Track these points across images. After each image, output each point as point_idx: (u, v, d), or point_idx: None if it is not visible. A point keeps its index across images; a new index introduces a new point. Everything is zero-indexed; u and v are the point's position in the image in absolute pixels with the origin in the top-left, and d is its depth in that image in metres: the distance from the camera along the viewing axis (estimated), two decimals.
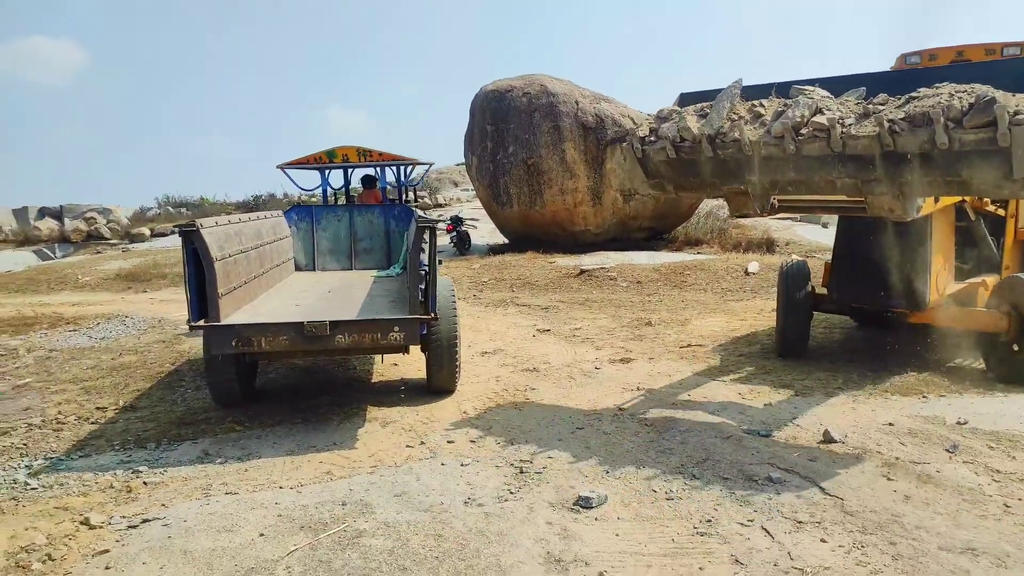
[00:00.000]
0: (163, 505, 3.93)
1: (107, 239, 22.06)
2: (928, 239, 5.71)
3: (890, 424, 4.88)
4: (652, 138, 4.97)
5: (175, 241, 19.90)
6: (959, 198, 5.70)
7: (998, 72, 4.28)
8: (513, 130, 15.08)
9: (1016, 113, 3.67)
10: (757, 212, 4.93)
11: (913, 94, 4.10)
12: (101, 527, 3.67)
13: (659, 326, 8.33)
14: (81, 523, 3.71)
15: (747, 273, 11.32)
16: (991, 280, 6.16)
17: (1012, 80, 3.99)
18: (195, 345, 7.71)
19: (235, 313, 5.14)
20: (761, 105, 4.61)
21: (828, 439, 4.59)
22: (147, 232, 22.26)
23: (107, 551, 3.42)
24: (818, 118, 4.27)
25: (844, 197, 4.74)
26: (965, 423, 4.86)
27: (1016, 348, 5.68)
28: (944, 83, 4.08)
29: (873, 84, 4.56)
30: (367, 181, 11.05)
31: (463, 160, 17.69)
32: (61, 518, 3.80)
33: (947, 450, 4.43)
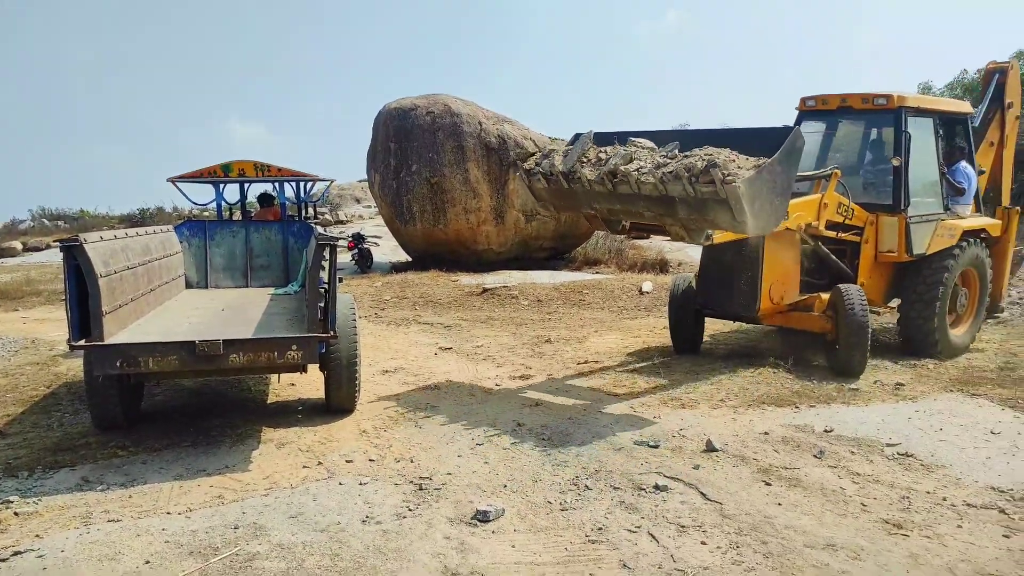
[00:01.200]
0: (37, 536, 3.70)
1: None
2: (760, 257, 6.77)
3: (766, 433, 5.27)
4: (534, 170, 6.20)
5: (51, 256, 18.71)
6: (794, 225, 6.61)
7: (768, 138, 5.28)
8: (416, 148, 15.10)
9: (728, 174, 4.78)
10: (609, 231, 6.54)
11: (688, 152, 5.23)
12: None
13: (558, 343, 8.57)
14: None
15: (641, 292, 11.83)
16: (826, 295, 7.18)
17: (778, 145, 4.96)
18: (73, 367, 7.25)
19: (121, 332, 4.92)
20: (604, 151, 5.82)
21: (710, 448, 4.91)
22: (19, 246, 20.69)
23: None
24: (625, 167, 5.39)
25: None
26: (831, 431, 5.32)
27: (836, 345, 6.79)
28: (705, 146, 5.20)
29: (694, 137, 5.69)
30: (264, 199, 10.76)
31: (365, 177, 17.51)
32: None
33: (815, 456, 4.84)
